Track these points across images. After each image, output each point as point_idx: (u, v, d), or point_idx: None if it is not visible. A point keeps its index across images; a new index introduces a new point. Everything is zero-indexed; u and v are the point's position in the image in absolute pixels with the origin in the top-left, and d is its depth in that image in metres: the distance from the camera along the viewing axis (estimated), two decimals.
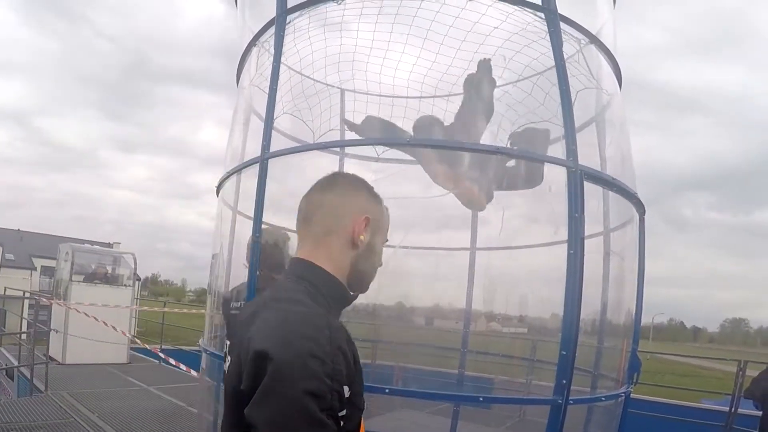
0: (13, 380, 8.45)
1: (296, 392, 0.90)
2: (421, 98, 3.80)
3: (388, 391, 2.85)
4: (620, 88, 3.47)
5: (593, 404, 3.08)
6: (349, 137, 3.84)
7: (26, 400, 6.61)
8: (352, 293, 1.25)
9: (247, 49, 3.57)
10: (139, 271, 11.34)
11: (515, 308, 3.79)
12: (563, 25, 2.92)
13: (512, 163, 3.23)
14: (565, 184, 2.58)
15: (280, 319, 1.01)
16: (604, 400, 2.99)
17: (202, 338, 3.67)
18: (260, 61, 3.41)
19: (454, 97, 3.75)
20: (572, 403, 2.48)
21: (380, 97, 3.80)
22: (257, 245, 2.80)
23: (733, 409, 6.90)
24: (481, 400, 2.97)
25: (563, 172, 2.62)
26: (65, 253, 10.14)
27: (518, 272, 3.83)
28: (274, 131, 3.00)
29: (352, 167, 4.41)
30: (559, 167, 2.68)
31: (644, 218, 3.25)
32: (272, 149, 2.91)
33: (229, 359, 1.11)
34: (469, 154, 3.16)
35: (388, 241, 1.31)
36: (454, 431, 4.32)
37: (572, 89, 2.76)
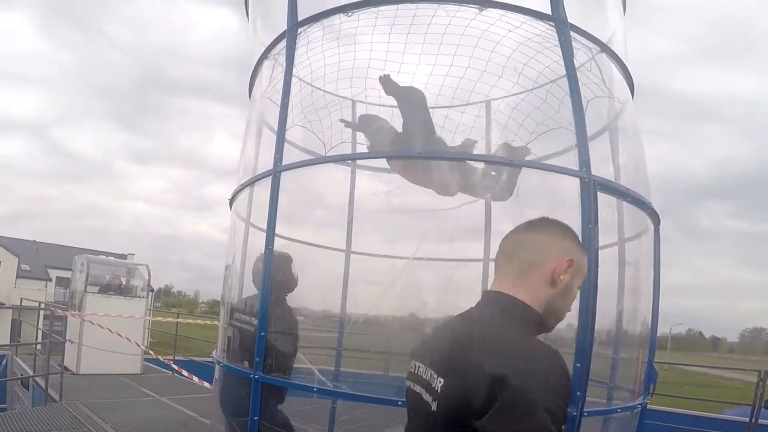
0: (28, 390, 8.52)
1: (536, 409, 1.01)
2: (434, 108, 3.80)
3: (401, 403, 2.83)
4: (633, 96, 3.45)
5: (609, 416, 3.04)
6: (360, 149, 3.85)
7: (41, 409, 6.66)
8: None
9: (258, 61, 3.61)
10: (152, 282, 11.41)
11: None
12: (574, 34, 2.92)
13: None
14: (578, 194, 2.57)
15: (512, 345, 1.13)
16: (619, 411, 2.94)
17: (215, 350, 3.68)
18: (273, 74, 3.44)
19: (468, 107, 3.76)
20: (587, 415, 2.45)
21: (393, 108, 3.81)
22: (270, 257, 2.81)
23: (753, 419, 6.77)
24: None
25: (576, 182, 2.60)
26: (80, 264, 10.24)
27: None
28: (286, 143, 3.02)
29: (363, 179, 4.43)
30: (572, 178, 2.66)
31: (659, 228, 3.22)
32: (284, 162, 2.93)
33: (437, 380, 1.19)
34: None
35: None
36: None
37: (584, 98, 2.76)
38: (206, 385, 8.26)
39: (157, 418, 6.54)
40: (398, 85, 3.36)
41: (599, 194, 2.58)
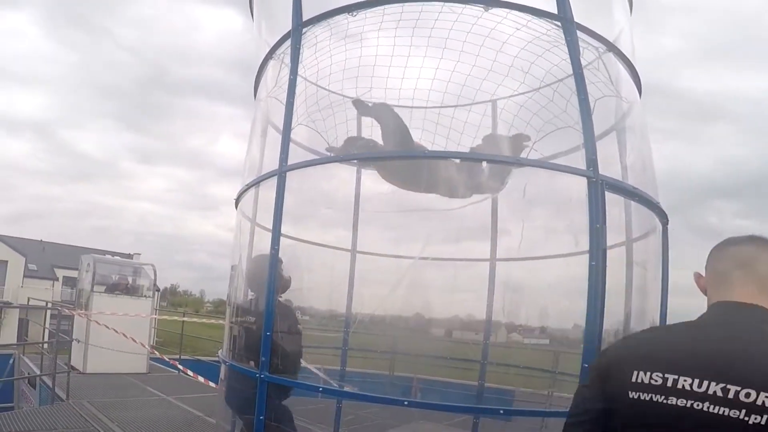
0: (35, 389, 8.57)
1: None
2: (441, 107, 3.79)
3: (407, 403, 2.82)
4: (640, 95, 3.43)
5: None
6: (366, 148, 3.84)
7: (48, 408, 6.70)
8: None
9: (263, 61, 3.61)
10: (158, 281, 11.45)
11: (536, 319, 3.74)
12: (580, 33, 2.90)
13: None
14: (585, 194, 2.55)
15: None
16: None
17: (221, 349, 3.69)
18: (279, 74, 3.44)
19: (474, 106, 3.74)
20: None
21: (398, 108, 3.80)
22: (275, 258, 2.81)
23: None
24: (501, 412, 2.92)
25: (584, 182, 2.58)
26: (87, 264, 10.29)
27: (539, 283, 3.78)
28: (291, 143, 3.01)
29: (369, 178, 4.42)
30: (579, 177, 2.65)
31: (667, 228, 3.19)
32: (290, 161, 2.92)
33: (753, 394, 1.18)
34: None
35: None
36: None
37: (591, 98, 2.74)
38: (212, 384, 8.28)
39: (163, 417, 6.56)
40: (367, 105, 3.51)
41: (607, 194, 2.56)
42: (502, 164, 3.38)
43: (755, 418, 1.14)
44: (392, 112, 3.46)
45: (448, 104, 3.77)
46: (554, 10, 2.90)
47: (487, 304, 4.31)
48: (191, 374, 8.79)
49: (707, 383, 1.20)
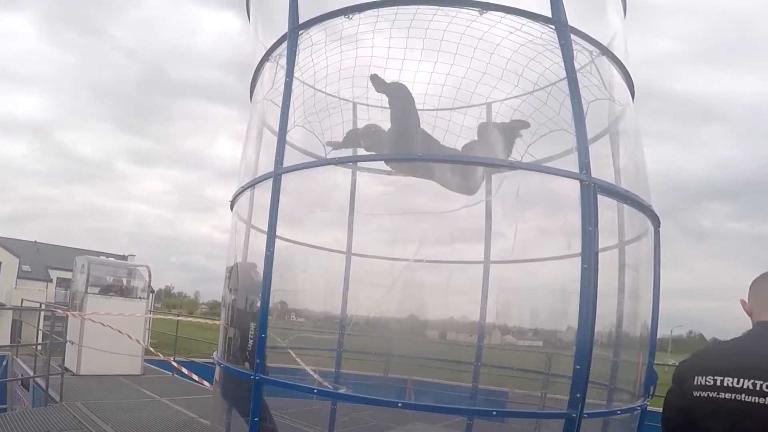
0: (28, 390, 8.52)
1: None
2: (437, 110, 3.81)
3: (401, 405, 2.84)
4: (633, 98, 3.46)
5: (609, 418, 3.04)
6: (361, 152, 3.86)
7: (41, 410, 6.66)
8: None
9: (260, 64, 3.62)
10: (152, 283, 11.41)
11: (529, 321, 3.76)
12: (574, 36, 2.92)
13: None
14: (578, 197, 2.57)
15: None
16: (619, 413, 2.94)
17: (215, 351, 3.69)
18: (275, 76, 3.45)
19: (469, 109, 3.76)
20: (587, 417, 2.45)
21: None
22: (271, 259, 2.82)
23: None
24: (494, 414, 2.93)
25: (576, 185, 2.60)
26: (81, 265, 10.25)
27: (533, 285, 3.80)
28: (286, 145, 3.02)
29: (363, 180, 4.44)
30: (572, 180, 2.67)
31: (659, 230, 3.22)
32: (285, 164, 2.93)
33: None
34: None
35: None
36: None
37: (584, 101, 2.76)
38: (206, 384, 8.26)
39: (157, 418, 6.54)
40: (385, 82, 3.41)
41: (599, 197, 2.58)
42: (496, 167, 3.40)
43: None
44: (407, 93, 3.45)
45: (443, 107, 3.79)
46: (548, 13, 2.92)
47: (481, 306, 4.33)
48: (185, 371, 8.77)
49: (743, 380, 1.71)
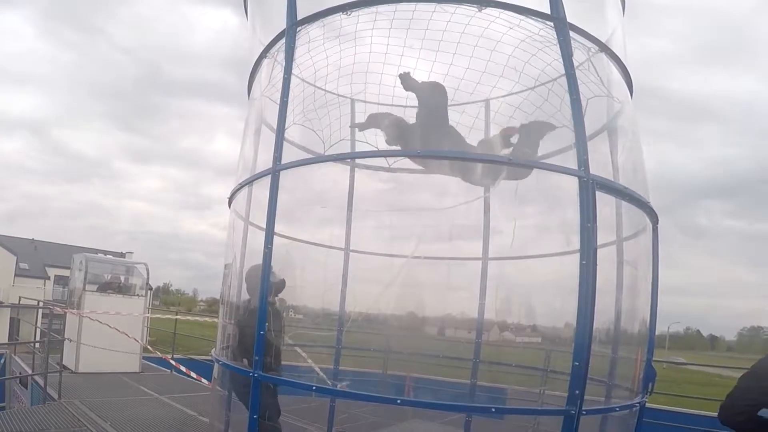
0: (26, 388, 8.51)
1: None
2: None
3: (400, 402, 2.84)
4: (631, 96, 3.45)
5: (607, 414, 3.04)
6: (360, 148, 3.85)
7: (39, 408, 6.66)
8: None
9: (258, 60, 3.61)
10: (151, 280, 11.40)
11: (528, 318, 3.76)
12: (573, 33, 2.91)
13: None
14: (577, 193, 2.57)
15: None
16: (618, 410, 2.95)
17: (214, 348, 3.69)
18: (272, 72, 3.44)
19: (467, 106, 3.75)
20: (585, 413, 2.45)
21: (392, 107, 3.81)
22: (269, 255, 2.82)
23: None
24: (493, 410, 2.94)
25: (575, 181, 2.60)
26: (79, 262, 10.22)
27: (531, 282, 3.80)
28: (285, 142, 3.02)
29: (362, 176, 4.43)
30: (571, 177, 2.66)
31: (657, 227, 3.22)
32: (283, 160, 2.93)
33: None
34: None
35: None
36: None
37: (583, 98, 2.75)
38: (204, 381, 8.25)
39: (155, 416, 6.54)
40: (417, 81, 3.38)
41: (598, 193, 2.58)
42: (496, 164, 3.39)
43: None
44: (440, 91, 3.42)
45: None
46: (547, 10, 2.92)
47: (479, 303, 4.33)
48: (184, 369, 8.77)
49: None
